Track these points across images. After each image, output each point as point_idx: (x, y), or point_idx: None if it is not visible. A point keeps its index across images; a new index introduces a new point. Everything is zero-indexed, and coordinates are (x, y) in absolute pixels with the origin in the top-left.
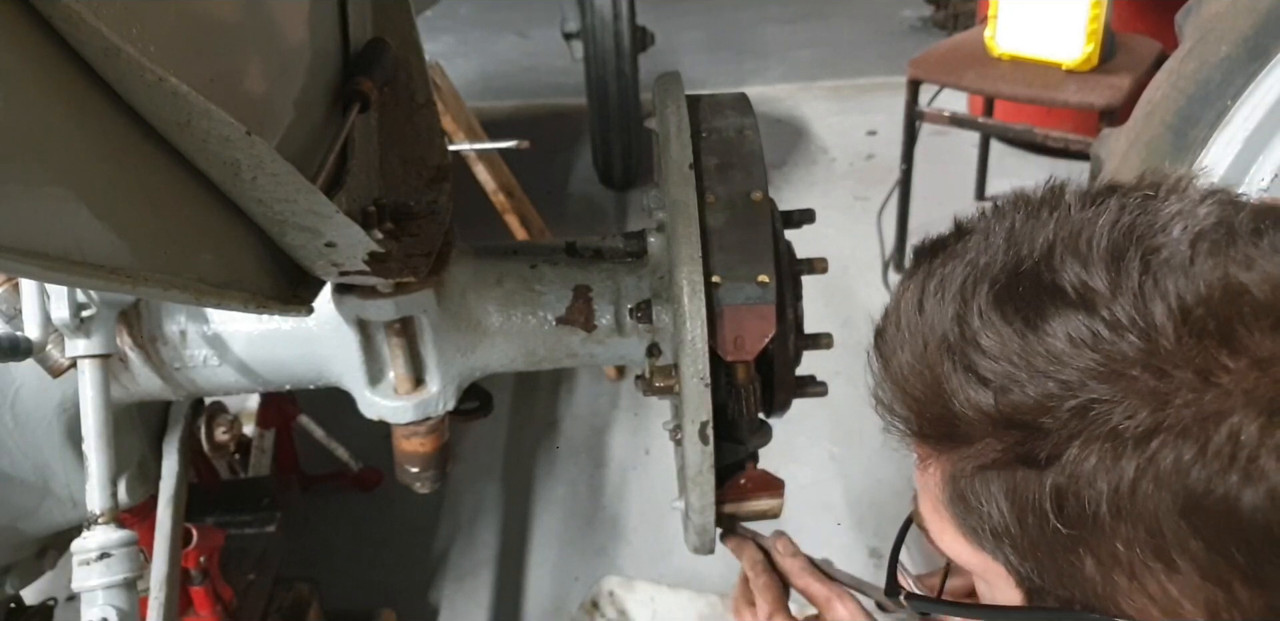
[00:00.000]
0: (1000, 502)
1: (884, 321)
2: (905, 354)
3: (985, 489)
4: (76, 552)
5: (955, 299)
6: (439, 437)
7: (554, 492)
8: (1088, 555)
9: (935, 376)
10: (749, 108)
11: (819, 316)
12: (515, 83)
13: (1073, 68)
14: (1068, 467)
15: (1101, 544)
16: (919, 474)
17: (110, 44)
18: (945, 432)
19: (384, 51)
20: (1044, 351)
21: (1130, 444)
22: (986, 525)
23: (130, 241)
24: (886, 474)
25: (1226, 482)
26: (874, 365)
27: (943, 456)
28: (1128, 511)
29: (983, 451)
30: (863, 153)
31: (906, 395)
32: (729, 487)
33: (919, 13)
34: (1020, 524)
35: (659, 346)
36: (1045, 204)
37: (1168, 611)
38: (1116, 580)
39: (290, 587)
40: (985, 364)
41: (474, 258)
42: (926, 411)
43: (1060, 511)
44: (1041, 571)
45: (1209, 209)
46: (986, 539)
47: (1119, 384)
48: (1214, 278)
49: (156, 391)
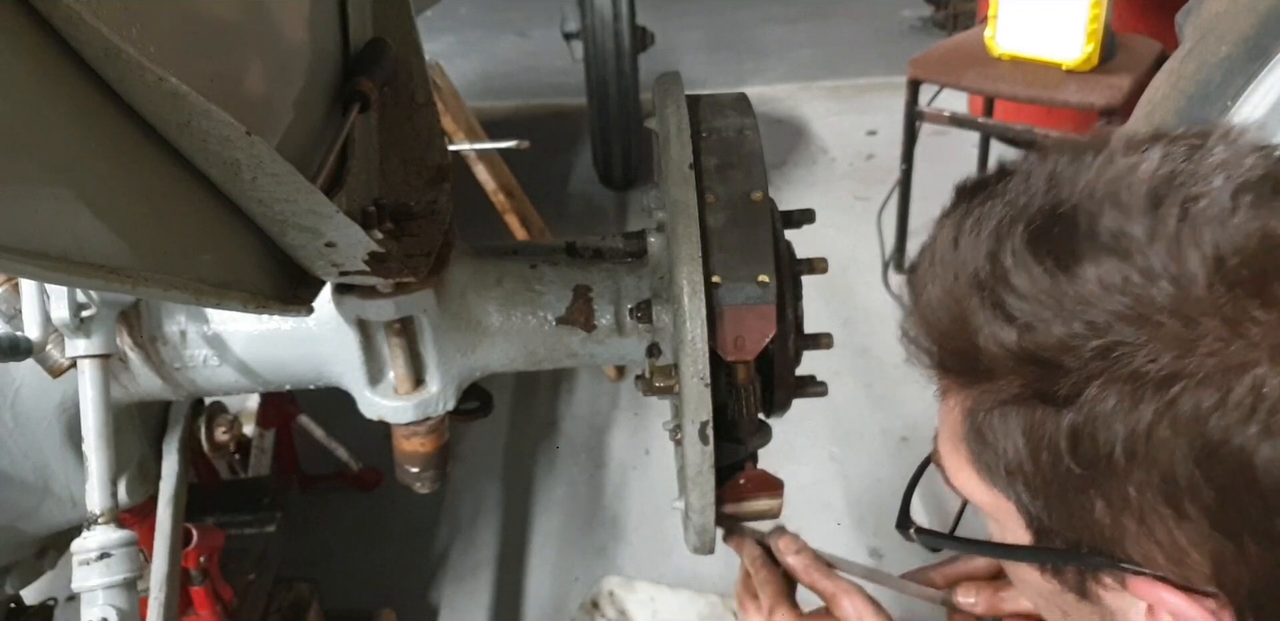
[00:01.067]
0: (1016, 439)
1: (918, 258)
2: (935, 288)
3: (1002, 425)
4: (76, 552)
5: (991, 236)
6: (439, 437)
7: (554, 492)
8: (1098, 497)
9: (962, 310)
10: (749, 108)
11: (819, 316)
12: (515, 83)
13: (1073, 68)
14: (1085, 407)
15: (1113, 486)
16: (941, 408)
17: (110, 44)
18: (967, 366)
19: (384, 51)
20: (1073, 293)
21: (1150, 387)
22: (1001, 462)
23: (130, 241)
24: (886, 474)
25: (1244, 434)
26: (904, 300)
27: (963, 391)
28: (1142, 455)
29: (1003, 387)
30: (863, 153)
31: (932, 328)
32: (729, 487)
33: (919, 13)
34: (1034, 461)
35: (659, 346)
36: (1090, 148)
37: (1174, 559)
38: (1125, 524)
39: (290, 587)
40: (1013, 301)
41: (474, 258)
42: (950, 344)
43: (1075, 451)
44: (1051, 511)
45: (1255, 161)
46: (1000, 476)
47: (1145, 328)
48: (1252, 229)
49: (156, 391)
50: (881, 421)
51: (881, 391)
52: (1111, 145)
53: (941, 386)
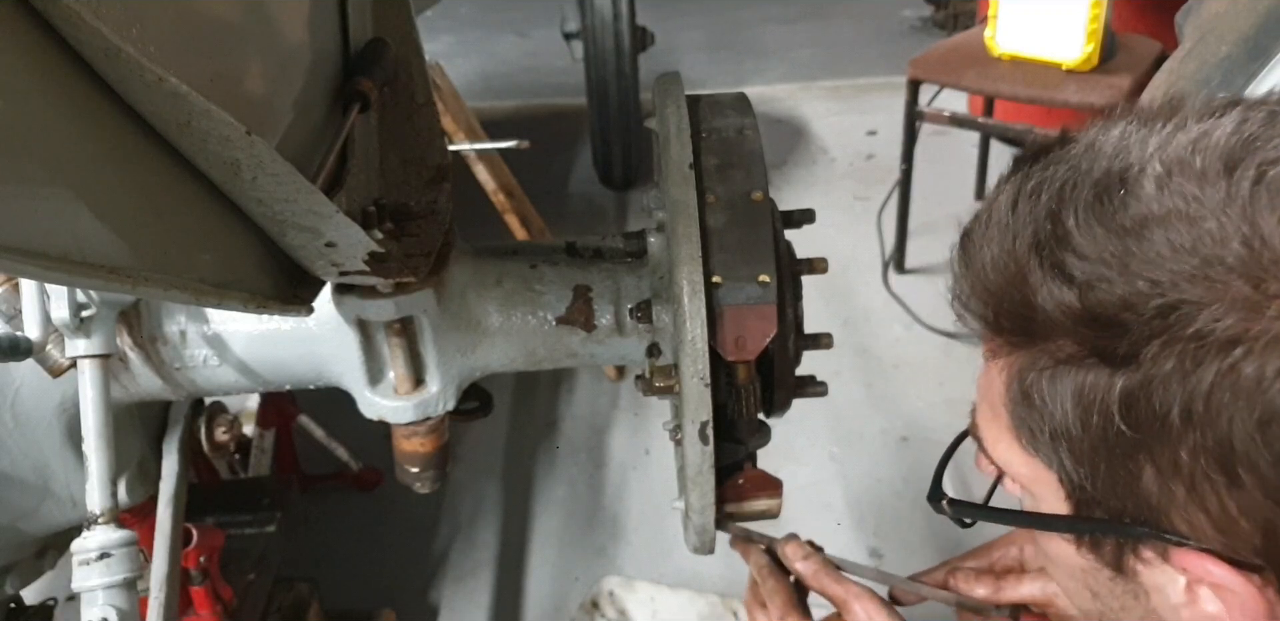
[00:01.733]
0: (1066, 401)
1: (972, 222)
2: (992, 249)
3: (1053, 386)
4: (76, 552)
5: (1054, 199)
6: (439, 437)
7: (554, 492)
8: (1148, 462)
9: (1021, 270)
10: (749, 108)
11: (819, 316)
12: (515, 83)
13: (1073, 68)
14: (1144, 368)
15: (1165, 450)
16: (982, 375)
17: (110, 44)
18: (1021, 327)
19: (384, 51)
20: (1139, 253)
21: (1213, 349)
22: (1047, 426)
23: (130, 241)
24: (886, 474)
25: None
26: (954, 265)
27: (1015, 352)
28: (1199, 418)
29: (1057, 348)
30: (863, 153)
31: (986, 289)
32: (728, 487)
33: (919, 13)
34: (1083, 424)
35: (659, 346)
36: (1161, 115)
37: (1222, 529)
38: (1174, 491)
39: (290, 587)
40: (1074, 261)
41: (474, 258)
42: (1006, 304)
43: (1127, 413)
44: (1095, 478)
45: None
46: (1044, 442)
47: (1212, 288)
48: None
49: (156, 391)
50: (881, 421)
51: (881, 391)
52: (1184, 110)
53: (988, 350)
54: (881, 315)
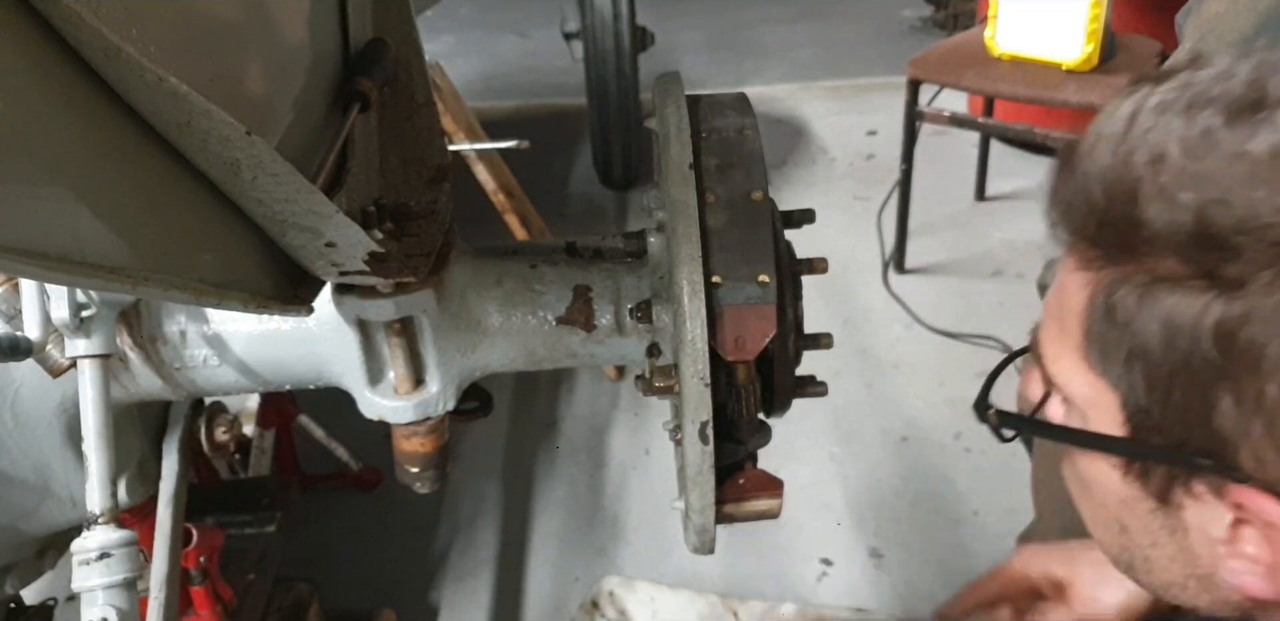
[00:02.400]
0: (1154, 320)
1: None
2: (1103, 158)
3: (1142, 304)
4: (76, 552)
5: (1179, 115)
6: (439, 437)
7: (554, 492)
8: (1228, 393)
9: (1134, 182)
10: (749, 108)
11: (819, 316)
12: (515, 83)
13: (1073, 68)
14: (1249, 296)
15: (1250, 383)
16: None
17: (110, 44)
18: (1123, 240)
19: (384, 51)
20: (1268, 180)
21: None
22: (1127, 344)
23: (130, 241)
24: (886, 474)
25: None
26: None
27: (1106, 267)
28: None
29: (1157, 264)
30: (863, 153)
31: (1090, 199)
32: (728, 487)
33: (919, 13)
34: (1168, 346)
35: (659, 346)
36: None
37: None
38: (1250, 426)
39: (290, 587)
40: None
41: (474, 258)
42: (1110, 215)
43: (1220, 339)
44: (1166, 405)
45: None
46: (1116, 361)
47: None
48: None
49: (156, 391)
50: (881, 421)
51: (881, 391)
52: None
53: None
54: (881, 315)
